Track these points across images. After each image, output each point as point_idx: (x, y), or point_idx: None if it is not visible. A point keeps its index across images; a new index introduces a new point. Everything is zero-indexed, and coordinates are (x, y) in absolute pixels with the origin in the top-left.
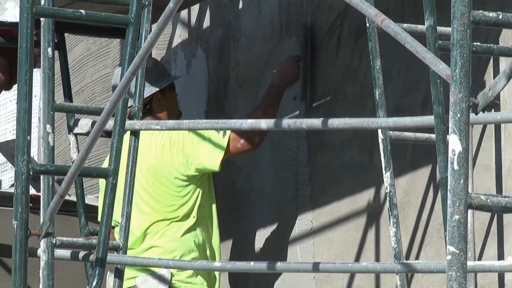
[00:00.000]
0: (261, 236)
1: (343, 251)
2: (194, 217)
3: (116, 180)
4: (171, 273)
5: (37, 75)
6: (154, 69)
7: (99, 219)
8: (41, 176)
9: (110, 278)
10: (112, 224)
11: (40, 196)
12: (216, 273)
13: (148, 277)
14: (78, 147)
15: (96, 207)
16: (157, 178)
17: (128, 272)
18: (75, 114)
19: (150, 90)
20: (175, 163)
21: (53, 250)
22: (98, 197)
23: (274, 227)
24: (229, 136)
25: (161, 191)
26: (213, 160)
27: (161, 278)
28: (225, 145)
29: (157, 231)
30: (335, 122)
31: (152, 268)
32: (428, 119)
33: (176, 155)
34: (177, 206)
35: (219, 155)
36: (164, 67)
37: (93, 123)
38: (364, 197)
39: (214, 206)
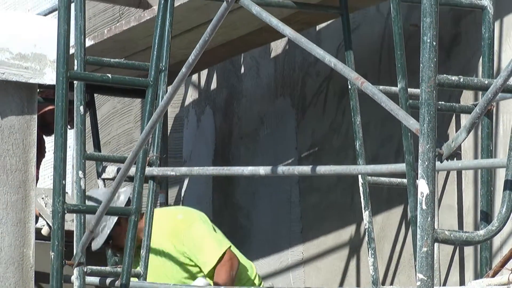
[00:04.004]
0: (260, 265)
1: (329, 278)
2: None
3: (138, 218)
4: None
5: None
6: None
7: None
8: (74, 215)
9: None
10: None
11: (73, 231)
12: None
13: None
14: None
15: None
16: None
17: None
18: (103, 162)
19: (109, 225)
20: None
21: (84, 277)
22: None
23: (270, 257)
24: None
25: None
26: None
27: None
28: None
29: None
30: (322, 169)
31: None
32: (401, 166)
33: None
34: None
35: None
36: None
37: (118, 170)
38: (346, 232)
39: None
